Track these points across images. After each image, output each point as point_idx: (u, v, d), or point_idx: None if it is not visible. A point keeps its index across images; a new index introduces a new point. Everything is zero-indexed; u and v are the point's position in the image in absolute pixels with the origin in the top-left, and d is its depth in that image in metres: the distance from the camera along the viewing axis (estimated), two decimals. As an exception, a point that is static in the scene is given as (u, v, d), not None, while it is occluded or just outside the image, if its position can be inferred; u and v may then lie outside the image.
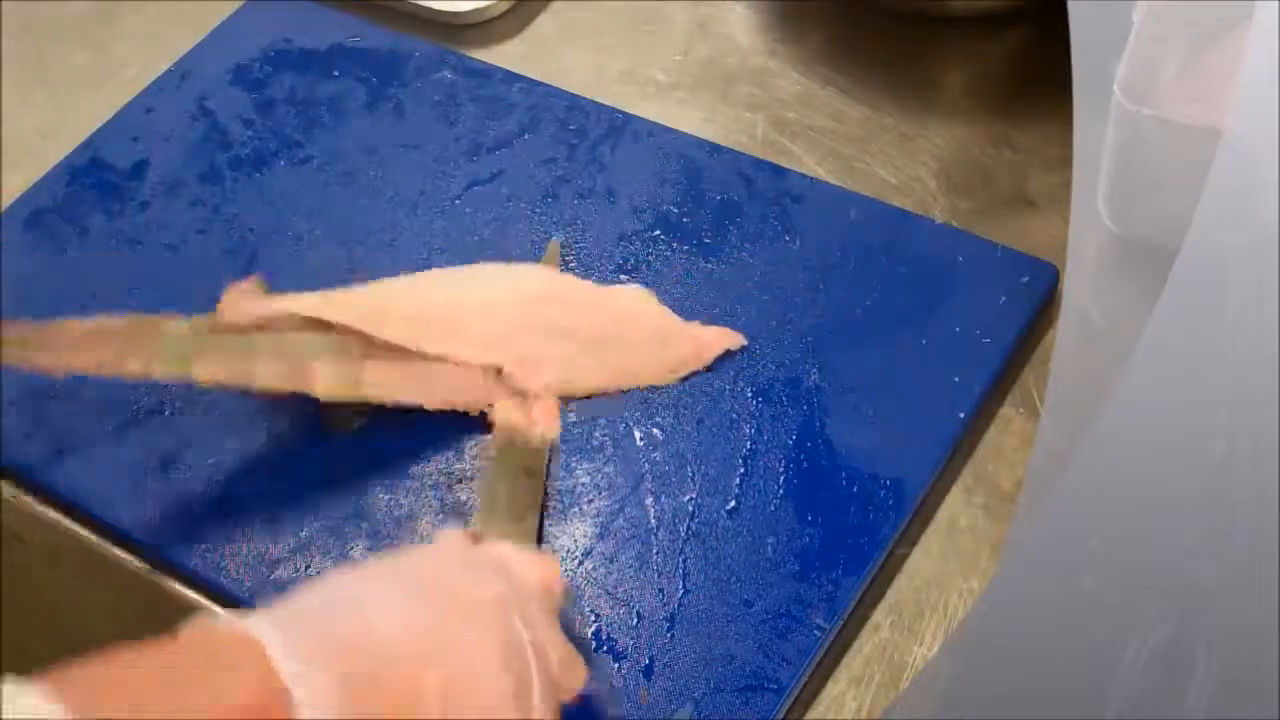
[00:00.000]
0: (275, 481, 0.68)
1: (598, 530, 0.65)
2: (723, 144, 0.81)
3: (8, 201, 0.82)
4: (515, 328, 0.69)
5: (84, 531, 0.69)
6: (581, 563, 0.65)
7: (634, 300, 0.72)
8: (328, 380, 0.65)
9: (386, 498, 0.67)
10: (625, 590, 0.63)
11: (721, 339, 0.70)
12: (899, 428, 0.67)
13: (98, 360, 0.63)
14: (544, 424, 0.67)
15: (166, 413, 0.71)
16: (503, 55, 0.89)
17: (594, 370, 0.70)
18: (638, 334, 0.70)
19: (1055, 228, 0.75)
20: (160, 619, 0.68)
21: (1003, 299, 0.71)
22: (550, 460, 0.67)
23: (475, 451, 0.69)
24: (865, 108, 0.83)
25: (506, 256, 0.76)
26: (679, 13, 0.91)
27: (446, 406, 0.68)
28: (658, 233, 0.77)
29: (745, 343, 0.70)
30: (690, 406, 0.69)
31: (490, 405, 0.68)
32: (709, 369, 0.70)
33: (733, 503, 0.66)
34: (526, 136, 0.82)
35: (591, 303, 0.71)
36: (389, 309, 0.68)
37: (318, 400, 0.68)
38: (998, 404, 0.70)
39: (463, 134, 0.83)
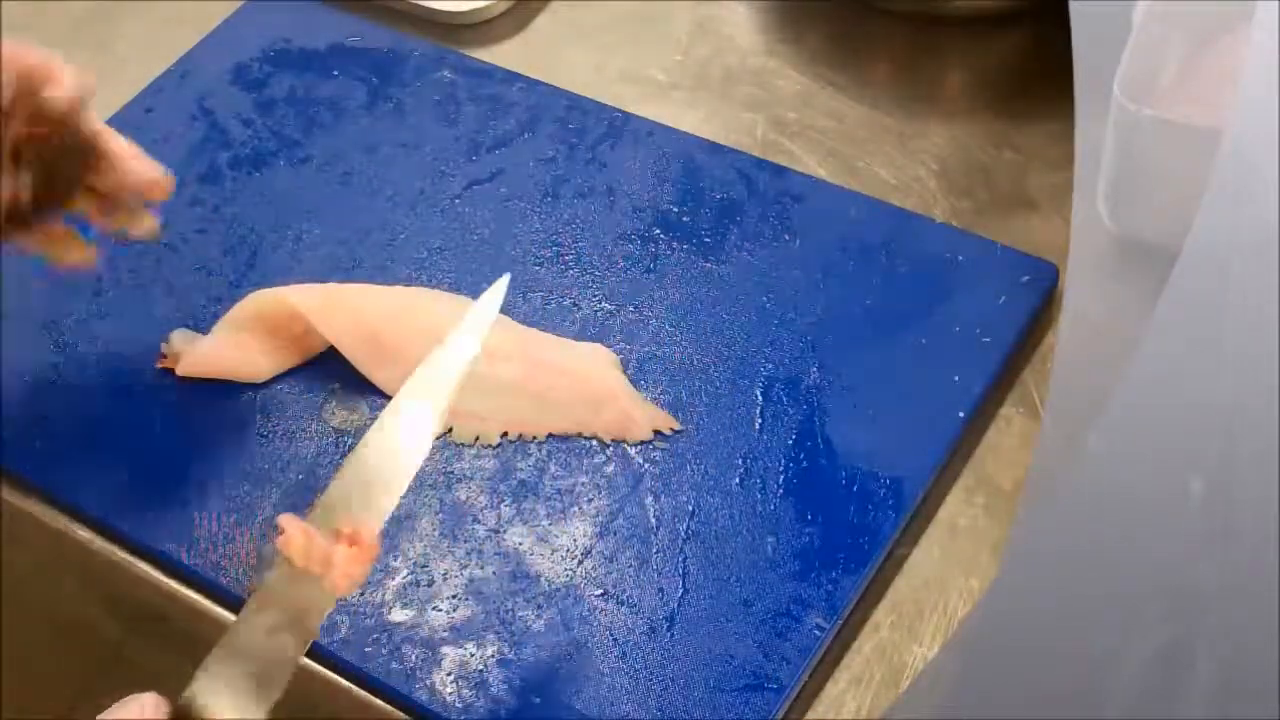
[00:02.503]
0: (275, 481, 0.68)
1: (598, 530, 0.65)
2: (723, 144, 0.81)
3: (7, 201, 0.81)
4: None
5: (84, 531, 0.69)
6: (581, 562, 0.65)
7: (585, 359, 0.71)
8: None
9: (386, 498, 0.67)
10: (625, 590, 0.63)
11: (652, 419, 0.68)
12: (899, 427, 0.67)
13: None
14: (343, 572, 0.51)
15: (166, 413, 0.71)
16: (502, 55, 0.89)
17: (522, 422, 0.69)
18: (573, 393, 0.69)
19: (1055, 228, 0.75)
20: (160, 619, 0.69)
21: (1003, 299, 0.71)
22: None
23: (476, 451, 0.69)
24: (865, 108, 0.83)
25: (506, 256, 0.76)
26: (679, 13, 0.91)
27: None
28: (658, 232, 0.77)
29: (679, 427, 0.68)
30: (690, 406, 0.69)
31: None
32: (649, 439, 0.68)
33: (733, 502, 0.66)
34: (526, 136, 0.82)
35: (541, 359, 0.70)
36: (349, 311, 0.71)
37: (318, 398, 0.71)
38: (998, 404, 0.70)
39: (462, 134, 0.83)
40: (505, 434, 0.69)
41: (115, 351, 0.74)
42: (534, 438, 0.69)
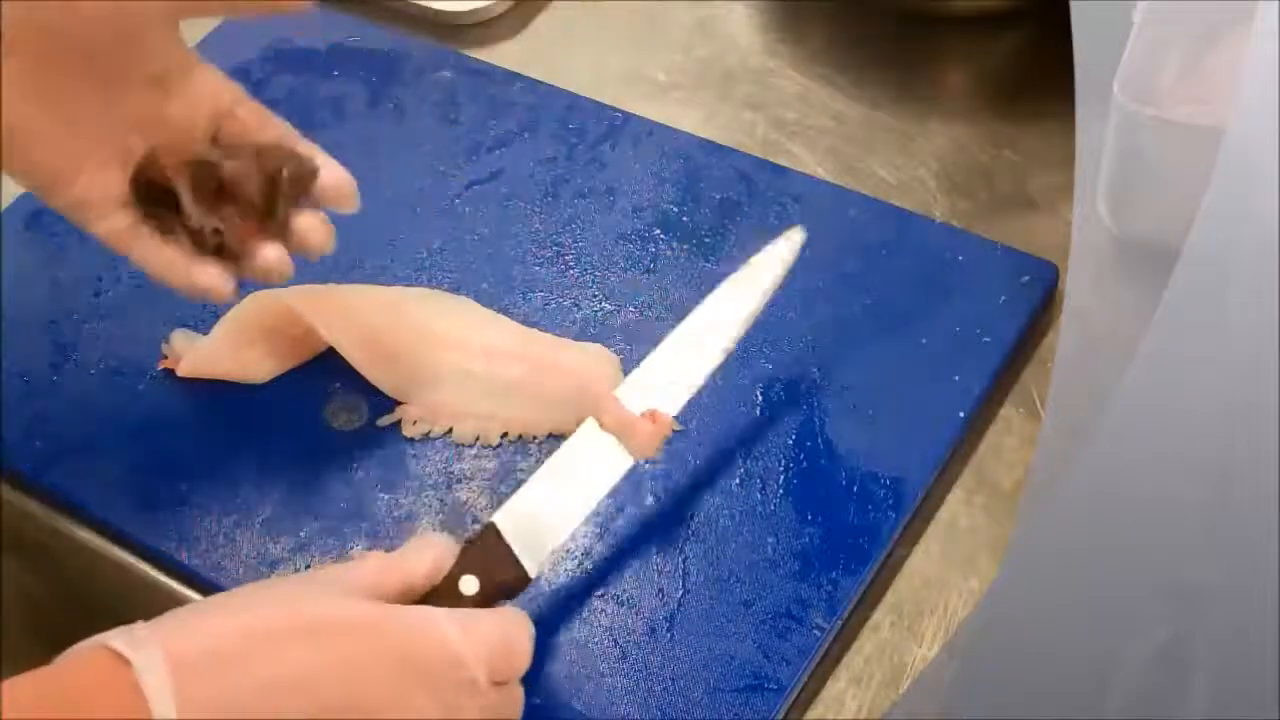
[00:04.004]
0: (275, 481, 0.68)
1: (597, 530, 0.65)
2: (723, 144, 0.81)
3: (8, 201, 0.81)
4: (454, 376, 0.69)
5: (84, 532, 0.69)
6: (581, 563, 0.64)
7: (585, 359, 0.70)
8: None
9: (386, 497, 0.67)
10: (625, 590, 0.63)
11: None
12: (899, 427, 0.67)
13: None
14: (644, 440, 0.60)
15: (166, 413, 0.71)
16: (502, 55, 0.89)
17: (522, 422, 0.69)
18: (573, 394, 0.68)
19: (1055, 228, 0.75)
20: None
21: (1003, 299, 0.71)
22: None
23: (475, 451, 0.69)
24: (865, 108, 0.83)
25: (506, 256, 0.76)
26: (679, 13, 0.91)
27: None
28: (658, 232, 0.77)
29: (679, 427, 0.67)
30: (691, 406, 0.69)
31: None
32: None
33: (733, 502, 0.66)
34: (526, 136, 0.82)
35: (541, 359, 0.70)
36: (349, 312, 0.71)
37: (318, 398, 0.70)
38: (998, 404, 0.70)
39: (462, 134, 0.83)
40: (505, 434, 0.69)
41: (115, 351, 0.74)
42: (534, 438, 0.69)
